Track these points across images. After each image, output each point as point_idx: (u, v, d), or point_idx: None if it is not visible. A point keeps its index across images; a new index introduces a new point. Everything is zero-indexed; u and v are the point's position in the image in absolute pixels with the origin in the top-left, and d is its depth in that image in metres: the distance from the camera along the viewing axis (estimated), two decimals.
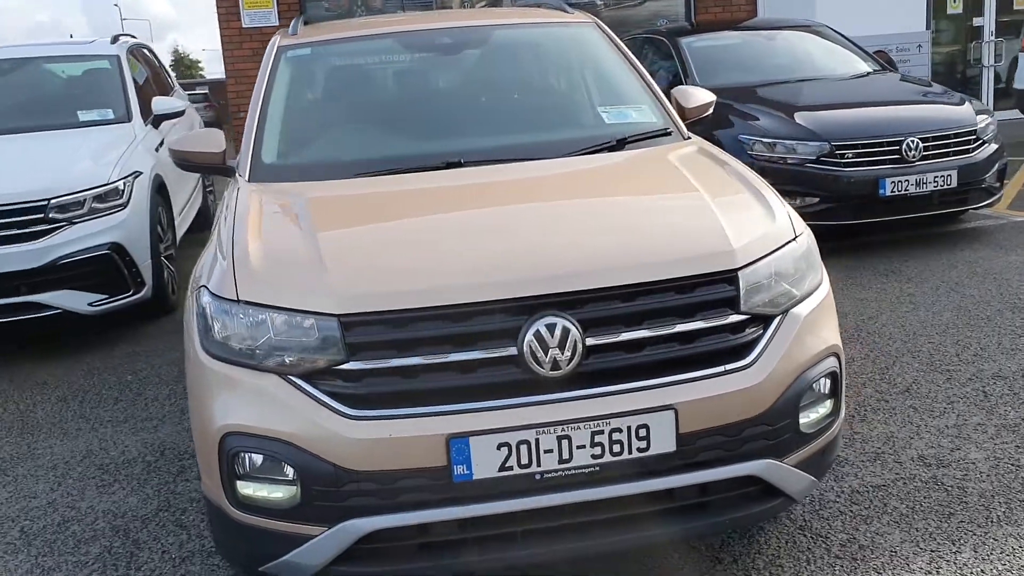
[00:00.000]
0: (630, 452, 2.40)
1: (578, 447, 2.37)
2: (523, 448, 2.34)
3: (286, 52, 3.88)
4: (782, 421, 2.54)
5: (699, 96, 3.83)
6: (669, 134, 3.55)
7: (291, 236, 2.74)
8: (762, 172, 6.43)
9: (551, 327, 2.37)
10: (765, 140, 6.51)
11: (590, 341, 2.41)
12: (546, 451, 2.35)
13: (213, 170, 3.56)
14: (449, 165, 3.22)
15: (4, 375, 5.16)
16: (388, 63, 3.97)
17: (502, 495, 2.38)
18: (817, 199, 6.37)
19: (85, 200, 5.47)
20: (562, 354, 2.37)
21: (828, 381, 2.70)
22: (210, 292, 2.58)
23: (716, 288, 2.53)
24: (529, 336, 2.37)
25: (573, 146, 3.36)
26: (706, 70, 7.65)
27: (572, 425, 2.35)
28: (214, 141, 3.53)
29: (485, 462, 2.33)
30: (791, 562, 2.90)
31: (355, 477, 2.33)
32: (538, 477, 2.37)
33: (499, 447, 2.33)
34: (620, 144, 3.38)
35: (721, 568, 2.90)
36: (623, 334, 2.44)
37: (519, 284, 2.43)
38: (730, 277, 2.54)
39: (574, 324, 2.39)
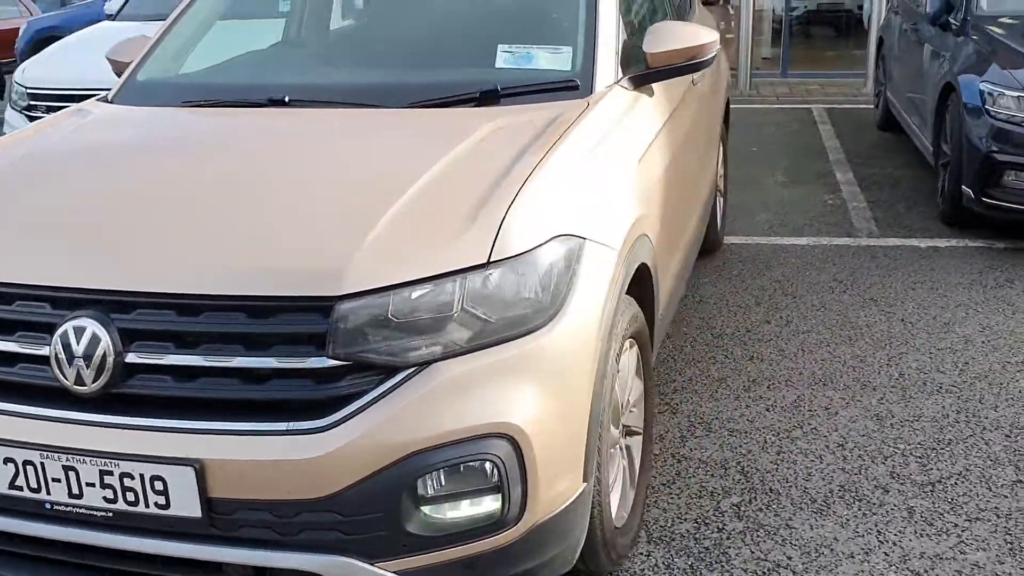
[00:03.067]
0: (147, 506, 1.90)
1: (87, 484, 1.92)
2: (29, 469, 1.95)
3: None
4: (367, 513, 1.85)
5: (672, 38, 2.84)
6: (574, 88, 2.68)
7: None
8: (1000, 137, 4.93)
9: (79, 331, 1.91)
10: (1013, 92, 4.87)
11: (132, 358, 1.91)
12: (54, 479, 1.94)
13: None
14: (272, 102, 2.73)
15: None
16: None
17: (16, 514, 2.01)
18: None
19: None
20: (87, 367, 1.90)
21: (492, 470, 1.91)
22: None
23: (302, 318, 1.87)
24: (56, 338, 1.93)
25: (425, 94, 2.67)
26: None
27: (78, 456, 1.91)
28: (133, 49, 3.31)
29: None
30: None
31: None
32: (48, 507, 1.97)
33: (6, 461, 1.96)
34: (486, 96, 2.62)
35: None
36: (169, 356, 1.90)
37: (65, 272, 1.99)
38: (324, 307, 1.85)
39: (109, 332, 1.90)
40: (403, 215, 2.00)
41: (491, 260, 1.94)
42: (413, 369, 1.87)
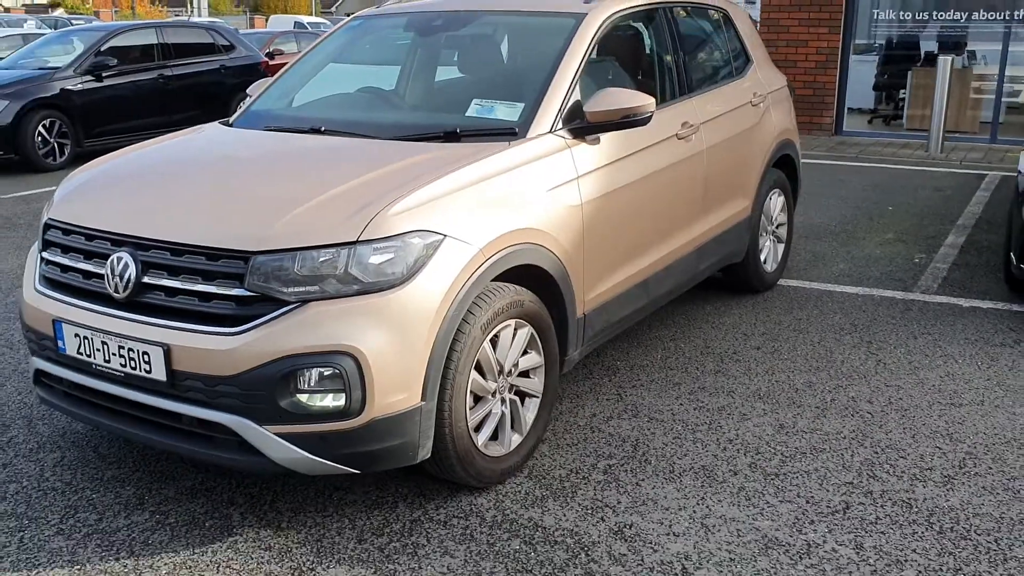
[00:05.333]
0: (140, 371, 3.07)
1: (112, 354, 3.13)
2: (86, 341, 3.19)
3: (356, 18, 4.75)
4: (254, 390, 2.91)
5: (609, 100, 3.70)
6: (512, 133, 3.63)
7: (110, 159, 3.82)
8: None
9: (119, 260, 3.14)
10: None
11: (147, 280, 3.11)
12: (96, 349, 3.17)
13: None
14: (312, 130, 3.90)
15: None
16: (399, 39, 4.58)
17: (80, 371, 3.26)
18: None
19: None
20: (121, 281, 3.12)
21: (340, 376, 2.90)
22: None
23: (232, 263, 2.98)
24: (108, 263, 3.16)
25: (405, 131, 3.73)
26: None
27: (107, 335, 3.12)
28: (259, 87, 4.63)
29: (71, 344, 3.24)
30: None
31: (26, 327, 3.44)
32: (94, 366, 3.20)
33: (75, 335, 3.22)
34: (450, 136, 3.63)
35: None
36: (164, 280, 3.08)
37: (116, 222, 3.23)
38: (245, 257, 2.95)
39: (135, 262, 3.11)
40: (318, 205, 3.06)
41: (359, 240, 2.95)
42: (296, 304, 2.92)
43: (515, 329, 3.41)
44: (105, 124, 11.08)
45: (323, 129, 3.86)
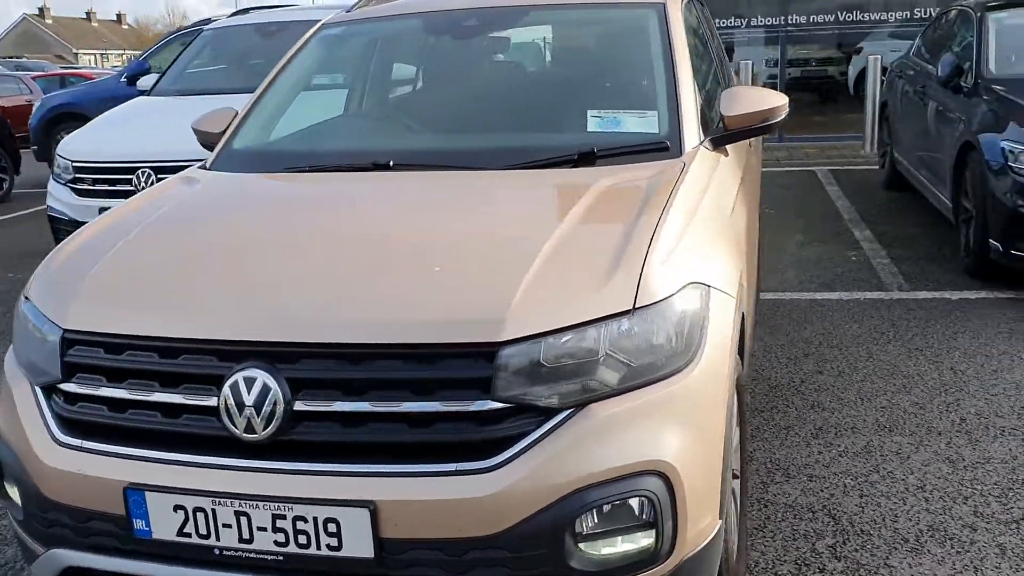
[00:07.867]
0: (318, 548, 1.97)
1: (259, 528, 1.99)
2: (200, 516, 2.02)
3: (324, 29, 3.69)
4: (532, 550, 1.93)
5: (746, 101, 3.02)
6: (665, 149, 2.84)
7: (107, 238, 2.57)
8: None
9: (249, 381, 2.00)
10: None
11: (300, 406, 2.00)
12: (224, 525, 2.01)
13: None
14: (377, 166, 2.86)
15: None
16: (406, 47, 3.63)
17: (184, 562, 2.08)
18: None
19: None
20: (258, 416, 1.99)
21: (646, 507, 2.00)
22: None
23: (465, 363, 1.97)
24: (226, 388, 2.02)
25: (523, 156, 2.81)
26: (1008, 54, 6.17)
27: (250, 502, 1.98)
28: (220, 120, 3.44)
29: (163, 522, 2.05)
30: None
31: (52, 506, 2.18)
32: (217, 552, 2.03)
33: (175, 509, 2.04)
34: (584, 158, 2.77)
35: None
36: (338, 403, 2.00)
37: (231, 325, 2.08)
38: (488, 352, 1.96)
39: (278, 382, 1.99)
40: (548, 267, 2.12)
41: (636, 307, 2.05)
42: (571, 411, 1.97)
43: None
44: None
45: (391, 163, 2.86)
